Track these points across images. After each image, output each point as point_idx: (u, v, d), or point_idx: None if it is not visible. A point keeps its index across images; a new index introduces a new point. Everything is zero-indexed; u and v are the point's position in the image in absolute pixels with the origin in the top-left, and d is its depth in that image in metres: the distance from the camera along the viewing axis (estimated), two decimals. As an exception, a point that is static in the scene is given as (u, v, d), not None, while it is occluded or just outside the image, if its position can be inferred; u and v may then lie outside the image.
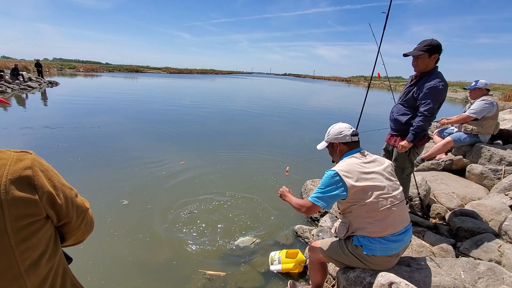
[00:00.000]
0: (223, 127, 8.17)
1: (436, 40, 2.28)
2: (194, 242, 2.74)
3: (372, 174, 1.57)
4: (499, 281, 1.65)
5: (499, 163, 3.58)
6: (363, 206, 1.53)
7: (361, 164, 1.61)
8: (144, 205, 3.37)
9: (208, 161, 4.98)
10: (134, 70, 53.73)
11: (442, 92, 2.28)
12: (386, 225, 1.53)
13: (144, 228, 2.93)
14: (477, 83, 3.91)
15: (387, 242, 1.54)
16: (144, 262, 2.45)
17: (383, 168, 1.64)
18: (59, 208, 0.71)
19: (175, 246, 2.69)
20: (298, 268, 2.32)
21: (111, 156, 4.92)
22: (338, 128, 1.77)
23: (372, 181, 1.55)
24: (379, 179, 1.57)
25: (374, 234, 1.54)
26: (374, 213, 1.52)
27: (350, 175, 1.54)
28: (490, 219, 2.51)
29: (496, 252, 2.06)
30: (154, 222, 3.03)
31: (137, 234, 2.81)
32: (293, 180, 4.33)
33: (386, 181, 1.59)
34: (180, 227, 2.97)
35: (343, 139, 1.73)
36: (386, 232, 1.54)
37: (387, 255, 1.56)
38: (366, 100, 3.01)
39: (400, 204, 1.57)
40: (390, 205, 1.53)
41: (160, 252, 2.59)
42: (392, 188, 1.59)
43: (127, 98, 13.35)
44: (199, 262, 2.47)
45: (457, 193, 3.04)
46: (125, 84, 24.47)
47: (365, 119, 2.83)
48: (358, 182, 1.53)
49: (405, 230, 1.60)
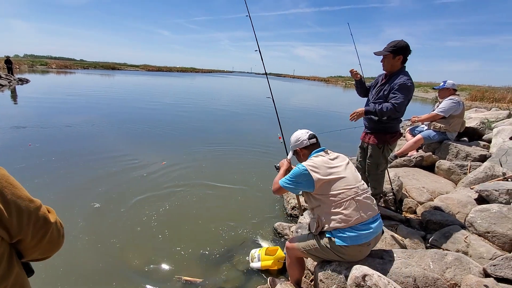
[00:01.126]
0: (204, 126, 8.07)
1: (404, 41, 2.38)
2: (171, 245, 2.66)
3: (337, 168, 1.73)
4: (466, 271, 1.76)
5: (465, 159, 3.81)
6: (329, 199, 1.65)
7: (327, 160, 1.76)
8: (117, 208, 3.22)
9: (188, 161, 4.89)
10: (110, 67, 51.78)
11: (410, 90, 2.39)
12: (352, 215, 1.63)
13: (116, 232, 2.80)
14: (445, 83, 4.14)
15: (356, 231, 1.62)
16: (117, 268, 2.34)
17: (346, 163, 1.80)
18: (8, 224, 0.63)
19: (150, 250, 2.58)
20: (277, 265, 2.34)
21: (85, 157, 4.71)
22: (295, 136, 1.96)
23: (336, 175, 1.70)
24: (343, 173, 1.71)
25: (342, 225, 1.62)
26: (340, 204, 1.64)
27: (318, 170, 1.69)
28: (457, 212, 2.66)
29: (462, 243, 2.18)
30: (127, 226, 2.92)
31: (109, 239, 2.68)
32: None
33: (350, 174, 1.73)
34: (156, 230, 2.87)
35: (302, 145, 1.92)
36: (353, 221, 1.62)
37: (358, 244, 1.62)
38: (345, 100, 3.09)
39: (363, 194, 1.70)
40: (354, 195, 1.66)
41: (133, 257, 2.48)
42: (355, 180, 1.73)
43: (102, 97, 12.84)
44: (175, 267, 2.40)
45: (427, 188, 3.20)
46: (101, 81, 23.53)
47: (342, 117, 2.94)
48: (324, 176, 1.68)
49: (373, 219, 1.69)
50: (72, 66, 45.29)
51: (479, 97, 17.34)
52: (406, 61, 2.45)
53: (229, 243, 2.75)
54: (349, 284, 1.50)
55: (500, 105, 13.75)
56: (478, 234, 2.28)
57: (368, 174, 2.76)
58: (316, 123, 9.92)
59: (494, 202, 2.53)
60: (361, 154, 2.84)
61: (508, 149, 3.51)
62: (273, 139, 6.64)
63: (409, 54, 2.43)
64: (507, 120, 5.40)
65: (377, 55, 2.47)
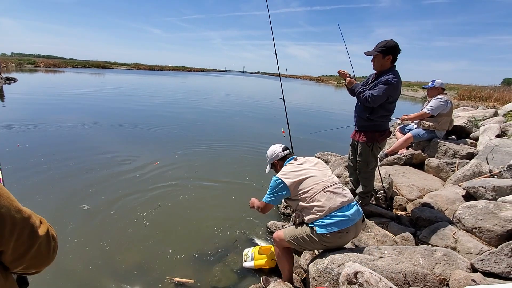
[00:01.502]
0: (196, 125, 8.01)
1: (393, 41, 2.41)
2: (163, 246, 2.63)
3: (304, 170, 1.94)
4: (454, 266, 1.80)
5: (453, 157, 3.89)
6: (303, 196, 1.85)
7: (295, 166, 2.00)
8: (108, 209, 3.15)
9: (180, 161, 4.86)
10: (100, 66, 50.83)
11: (394, 87, 2.42)
12: (325, 204, 1.80)
13: (106, 234, 2.74)
14: (434, 82, 4.22)
15: (332, 218, 1.77)
16: (106, 271, 2.29)
17: (313, 164, 2.03)
18: None
19: (141, 252, 2.54)
20: (270, 264, 2.35)
21: (76, 158, 4.62)
22: (271, 151, 2.21)
23: (304, 175, 1.91)
24: (309, 172, 1.93)
25: (319, 215, 1.79)
26: (312, 198, 1.83)
27: (288, 176, 1.92)
28: (445, 208, 2.72)
29: (451, 239, 2.24)
30: (117, 227, 2.86)
31: (98, 242, 2.63)
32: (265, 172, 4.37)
33: (317, 172, 1.94)
34: (147, 231, 2.84)
35: (277, 157, 2.17)
36: (327, 210, 1.78)
37: (337, 231, 1.75)
38: (337, 99, 3.12)
39: (333, 185, 1.88)
40: (323, 188, 1.84)
41: (124, 259, 2.43)
42: (323, 175, 1.93)
43: (92, 96, 12.61)
44: (168, 267, 2.38)
45: (416, 185, 3.26)
46: (91, 80, 23.09)
47: (334, 118, 2.96)
48: (294, 178, 1.90)
49: (348, 207, 1.84)
50: (61, 64, 44.28)
51: (466, 96, 17.73)
52: (396, 60, 2.49)
53: (222, 243, 2.75)
54: (341, 281, 1.51)
55: (486, 104, 14.10)
56: (465, 230, 2.33)
57: (358, 172, 2.80)
58: (309, 122, 9.98)
59: (481, 198, 2.59)
60: (352, 152, 2.87)
61: (494, 146, 3.61)
62: (266, 139, 6.67)
63: (399, 54, 2.47)
64: (493, 119, 5.54)
65: (367, 55, 2.51)
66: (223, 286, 2.23)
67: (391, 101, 2.51)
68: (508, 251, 1.71)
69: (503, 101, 13.12)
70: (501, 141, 3.69)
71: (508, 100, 10.92)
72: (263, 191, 3.84)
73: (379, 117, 2.53)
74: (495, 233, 2.16)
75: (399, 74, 2.47)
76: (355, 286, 1.43)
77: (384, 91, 2.39)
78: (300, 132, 7.21)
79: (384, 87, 2.39)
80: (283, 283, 1.93)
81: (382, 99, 2.42)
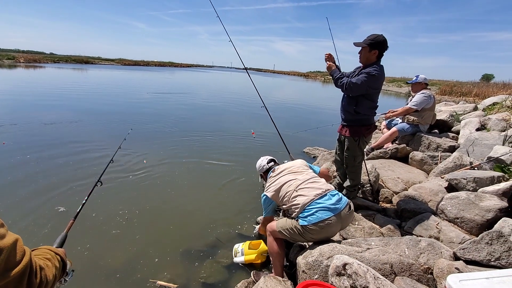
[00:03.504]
0: (185, 121, 7.89)
1: (383, 36, 2.44)
2: (150, 245, 2.60)
3: (278, 179, 2.16)
4: (438, 255, 1.86)
5: (436, 150, 4.02)
6: (284, 200, 2.05)
7: (272, 178, 2.23)
8: (89, 211, 3.00)
9: (167, 157, 4.78)
10: (83, 61, 49.05)
11: (375, 78, 2.44)
12: (300, 200, 1.94)
13: (85, 237, 2.62)
14: (418, 78, 4.32)
15: (309, 210, 1.88)
16: (85, 276, 2.20)
17: (289, 169, 2.21)
18: None
19: (127, 253, 2.47)
20: (261, 259, 2.36)
21: (62, 157, 4.46)
22: (258, 165, 2.49)
23: (279, 184, 2.12)
24: (283, 179, 2.13)
25: (298, 210, 1.92)
26: (291, 200, 2.00)
27: (269, 190, 2.16)
28: (429, 200, 2.80)
29: (434, 229, 2.31)
30: (98, 229, 2.76)
31: (76, 246, 2.49)
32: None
33: (290, 175, 2.14)
34: (134, 231, 2.78)
35: (263, 170, 2.45)
36: (302, 205, 1.91)
37: (318, 221, 1.83)
38: (325, 95, 3.14)
39: (306, 182, 2.03)
40: (295, 188, 2.02)
41: (106, 263, 2.35)
42: (296, 176, 2.12)
43: (76, 92, 12.18)
44: (156, 267, 2.34)
45: (401, 178, 3.34)
46: (74, 76, 22.28)
47: (324, 113, 2.98)
48: (272, 191, 2.13)
49: (322, 196, 1.93)
50: (41, 60, 42.45)
51: (448, 91, 18.27)
52: (382, 56, 2.51)
53: (212, 239, 2.74)
54: (330, 273, 1.54)
55: (467, 99, 14.59)
56: (448, 220, 2.42)
57: (346, 166, 2.84)
58: (297, 119, 10.04)
59: (462, 189, 2.69)
60: (339, 147, 2.91)
61: (474, 140, 3.74)
62: (256, 133, 6.66)
63: (386, 50, 2.49)
64: (473, 113, 5.74)
65: (356, 46, 2.54)
66: (213, 282, 2.22)
67: (373, 92, 2.54)
68: (488, 239, 1.78)
69: (482, 96, 13.61)
70: (481, 134, 3.83)
71: (487, 95, 11.34)
72: (253, 186, 3.86)
73: (365, 110, 2.56)
74: (476, 222, 2.25)
75: (383, 68, 2.50)
76: (343, 277, 1.46)
77: (364, 81, 2.41)
78: (289, 129, 7.25)
79: (364, 77, 2.42)
80: (274, 277, 1.94)
81: (360, 89, 2.45)
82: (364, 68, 2.55)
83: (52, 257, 0.72)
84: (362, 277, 1.39)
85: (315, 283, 1.40)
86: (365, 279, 1.38)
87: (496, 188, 2.42)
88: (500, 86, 14.61)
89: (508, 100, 5.63)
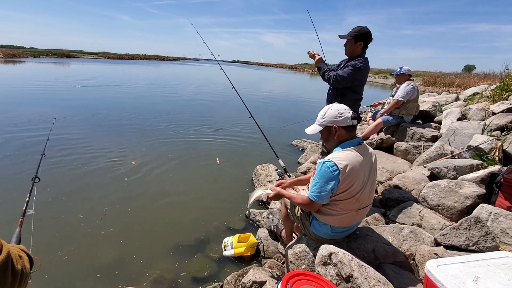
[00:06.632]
0: (172, 116, 7.76)
1: (367, 28, 2.47)
2: (138, 242, 2.58)
3: (360, 173, 1.52)
4: (420, 242, 1.94)
5: (419, 140, 4.12)
6: (337, 200, 1.56)
7: (354, 151, 1.53)
8: (74, 211, 2.93)
9: (153, 153, 4.72)
10: (65, 55, 47.12)
11: (360, 70, 2.50)
12: (343, 223, 1.65)
13: (70, 237, 2.56)
14: (401, 69, 4.39)
15: (333, 234, 1.70)
16: (72, 275, 2.16)
17: (370, 167, 1.60)
18: None
19: (113, 251, 2.43)
20: (250, 251, 2.39)
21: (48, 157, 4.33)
22: (337, 110, 1.57)
23: (356, 165, 1.49)
24: (361, 180, 1.54)
25: (327, 222, 1.66)
26: (341, 209, 1.58)
27: (344, 159, 1.47)
28: (412, 189, 2.89)
29: (417, 217, 2.39)
30: (81, 229, 2.68)
31: (61, 245, 2.44)
32: (242, 165, 4.38)
33: (368, 185, 1.58)
34: (120, 230, 2.74)
35: (343, 122, 1.55)
36: (338, 226, 1.66)
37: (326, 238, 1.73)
38: (313, 87, 3.16)
39: (366, 208, 1.67)
40: (358, 208, 1.59)
41: (91, 261, 2.29)
42: (368, 192, 1.61)
43: (58, 87, 11.75)
44: (145, 263, 2.35)
45: (386, 168, 3.42)
46: (55, 71, 21.43)
47: (311, 105, 2.99)
48: (348, 165, 1.46)
49: (354, 226, 1.77)
50: (21, 54, 40.46)
51: (431, 82, 18.69)
52: (367, 48, 2.55)
53: (201, 233, 2.74)
54: (316, 263, 1.57)
55: (449, 89, 14.98)
56: (430, 207, 2.50)
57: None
58: (285, 112, 10.06)
59: (443, 178, 2.78)
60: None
61: (455, 129, 3.86)
62: (241, 127, 6.64)
63: (370, 42, 2.53)
64: (455, 103, 5.91)
65: (341, 38, 2.57)
66: (203, 276, 2.24)
67: (359, 84, 2.60)
68: (466, 225, 1.86)
69: (464, 86, 13.99)
70: (462, 124, 3.95)
71: (468, 86, 11.67)
72: (239, 179, 3.86)
73: (350, 102, 2.60)
74: (455, 209, 2.34)
75: (368, 61, 2.54)
76: (329, 266, 1.50)
77: (350, 73, 2.47)
78: (278, 123, 7.26)
79: (350, 70, 2.47)
80: (262, 269, 1.97)
81: (347, 81, 2.50)
82: (349, 60, 2.58)
83: (19, 249, 0.71)
84: (347, 266, 1.43)
85: (301, 273, 1.43)
86: (350, 267, 1.42)
87: (474, 176, 2.52)
88: (481, 76, 15.05)
89: (487, 90, 5.81)
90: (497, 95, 5.00)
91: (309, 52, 2.80)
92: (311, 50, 2.78)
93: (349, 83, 2.52)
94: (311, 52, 2.78)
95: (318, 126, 1.63)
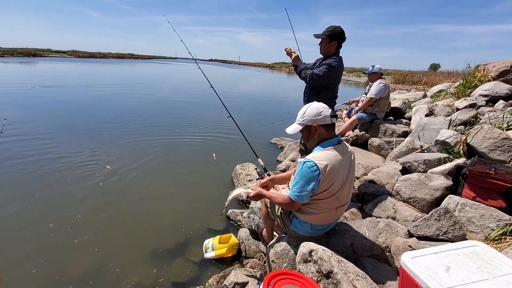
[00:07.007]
0: (146, 116, 7.52)
1: (340, 28, 2.53)
2: (116, 248, 2.49)
3: (340, 172, 1.53)
4: (395, 234, 2.02)
5: (391, 136, 4.30)
6: (317, 199, 1.59)
7: (333, 150, 1.54)
8: (45, 219, 2.80)
9: (128, 155, 4.55)
10: (31, 54, 43.84)
11: (335, 69, 2.57)
12: (323, 221, 1.69)
13: (41, 246, 2.43)
14: (373, 68, 4.56)
15: (312, 232, 1.72)
16: None
17: (349, 165, 1.62)
18: None
19: (85, 259, 2.34)
20: (232, 252, 2.37)
21: (10, 161, 4.02)
22: (316, 108, 1.57)
23: (336, 164, 1.50)
24: (341, 180, 1.55)
25: (307, 221, 1.68)
26: (321, 208, 1.61)
27: (323, 159, 1.48)
28: (386, 183, 3.00)
29: (391, 210, 2.49)
30: (52, 239, 2.56)
31: (32, 255, 2.30)
32: (222, 165, 4.33)
33: (347, 184, 1.60)
34: (94, 235, 2.63)
35: (323, 121, 1.55)
36: (318, 224, 1.69)
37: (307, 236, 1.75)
38: (290, 86, 3.18)
39: (345, 206, 1.72)
40: (337, 206, 1.64)
41: (64, 272, 2.18)
42: (347, 191, 1.63)
43: (24, 89, 10.96)
44: (122, 270, 2.25)
45: (362, 164, 3.54)
46: (21, 71, 19.98)
47: (289, 103, 3.01)
48: (328, 165, 1.47)
49: (333, 223, 1.80)
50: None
51: (401, 80, 19.64)
52: (341, 47, 2.61)
53: (181, 237, 2.68)
54: (297, 260, 1.59)
55: (417, 87, 15.80)
56: (403, 200, 2.62)
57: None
58: (264, 111, 10.09)
59: (414, 171, 2.92)
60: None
61: (424, 125, 4.07)
62: (221, 127, 6.58)
63: (344, 41, 2.60)
64: (423, 100, 6.23)
65: (316, 38, 2.62)
66: (183, 280, 2.18)
67: (334, 82, 2.66)
68: (436, 216, 1.96)
69: (430, 84, 14.82)
70: (430, 120, 4.17)
71: (434, 83, 12.38)
72: (217, 179, 3.82)
73: (326, 99, 2.65)
74: (426, 201, 2.47)
75: (342, 59, 2.61)
76: (310, 264, 1.52)
77: (325, 72, 2.53)
78: (257, 122, 7.27)
79: (326, 69, 2.53)
80: (244, 269, 1.96)
81: (322, 80, 2.56)
82: (324, 59, 2.63)
83: None
84: (327, 262, 1.46)
85: (282, 272, 1.44)
86: (330, 264, 1.45)
87: (442, 169, 2.67)
88: (446, 74, 16.01)
89: (451, 88, 6.18)
90: (460, 92, 5.34)
91: (287, 49, 2.84)
92: (288, 47, 2.82)
93: (324, 82, 2.58)
94: (288, 49, 2.82)
95: (298, 126, 1.64)
